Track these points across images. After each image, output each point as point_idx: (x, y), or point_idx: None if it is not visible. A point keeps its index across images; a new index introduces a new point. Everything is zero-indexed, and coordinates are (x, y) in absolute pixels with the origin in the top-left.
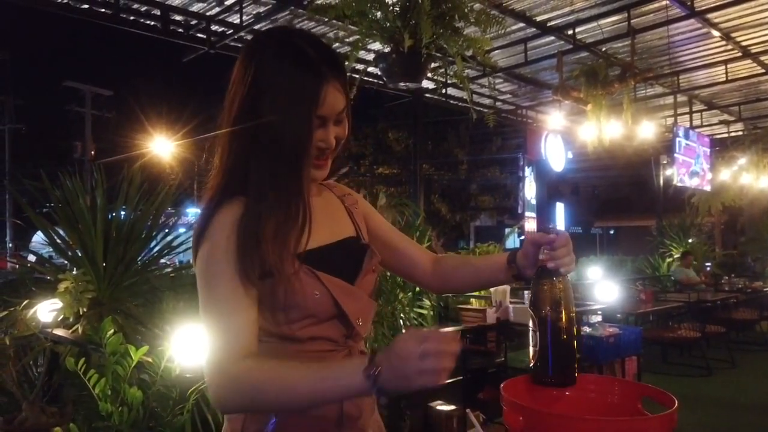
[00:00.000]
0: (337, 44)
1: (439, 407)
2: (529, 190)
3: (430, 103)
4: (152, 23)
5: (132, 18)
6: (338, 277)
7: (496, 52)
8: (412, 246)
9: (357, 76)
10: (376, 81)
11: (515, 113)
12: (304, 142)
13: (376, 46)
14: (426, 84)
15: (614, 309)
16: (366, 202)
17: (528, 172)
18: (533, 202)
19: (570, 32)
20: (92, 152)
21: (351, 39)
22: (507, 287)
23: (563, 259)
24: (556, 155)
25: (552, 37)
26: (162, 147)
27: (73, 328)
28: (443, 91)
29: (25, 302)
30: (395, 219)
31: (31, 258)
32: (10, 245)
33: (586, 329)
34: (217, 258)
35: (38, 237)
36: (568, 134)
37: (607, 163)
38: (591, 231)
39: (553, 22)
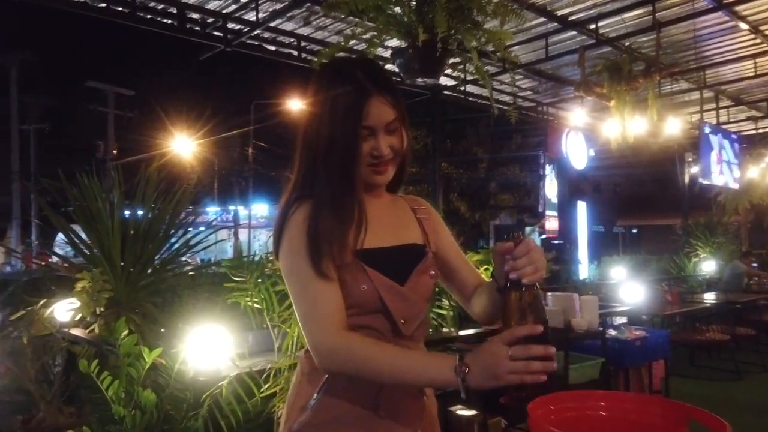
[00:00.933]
0: (353, 41)
1: (459, 412)
2: (550, 188)
3: (449, 101)
4: (169, 21)
5: (149, 16)
6: (391, 277)
7: (517, 47)
8: (467, 269)
9: None
10: (394, 78)
11: (536, 110)
12: (353, 151)
13: (394, 42)
14: (444, 81)
15: (639, 311)
16: (439, 216)
17: (549, 170)
18: (554, 200)
19: (592, 26)
20: (114, 151)
21: (367, 36)
22: None
23: (524, 269)
24: (577, 153)
25: (574, 32)
26: (182, 146)
27: (90, 328)
28: (462, 88)
29: (43, 301)
30: None
31: (55, 257)
32: (36, 243)
33: (612, 332)
34: (295, 251)
35: (62, 236)
36: (590, 131)
37: (631, 161)
38: (613, 230)
39: (574, 17)
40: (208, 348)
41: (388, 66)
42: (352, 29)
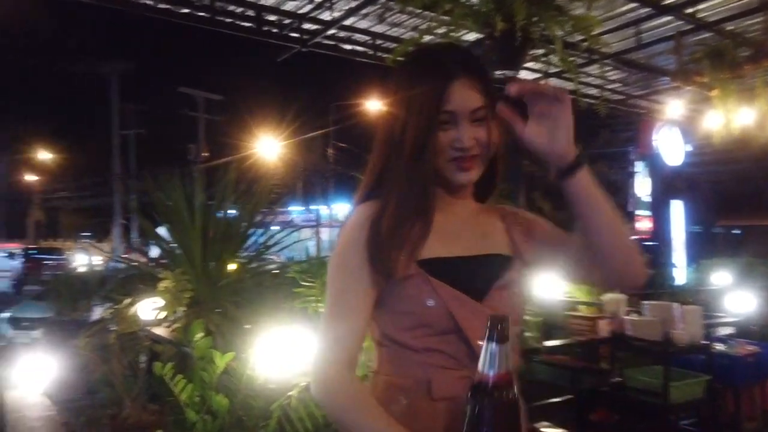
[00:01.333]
0: (428, 37)
1: (544, 429)
2: (641, 186)
3: None
4: (247, 24)
5: (228, 20)
6: (464, 291)
7: (604, 36)
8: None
9: None
10: None
11: (625, 103)
12: (428, 138)
13: (471, 37)
14: (524, 75)
15: (748, 321)
16: (533, 217)
17: (639, 167)
18: (645, 199)
19: (689, 10)
20: (205, 154)
21: (442, 30)
22: (622, 297)
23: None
24: (672, 148)
25: (669, 17)
26: (265, 147)
27: (172, 327)
28: (545, 81)
29: (129, 299)
30: None
31: (153, 254)
32: (135, 241)
33: (719, 346)
34: (342, 254)
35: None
36: (686, 124)
37: (735, 155)
38: (712, 230)
39: (669, 0)
40: (279, 353)
41: None
42: (427, 24)
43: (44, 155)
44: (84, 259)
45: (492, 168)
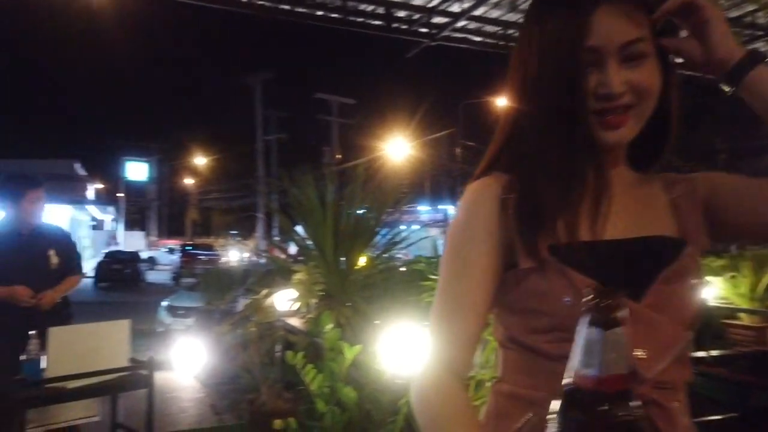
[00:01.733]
0: None
1: None
2: None
3: (682, 81)
4: (377, 22)
5: (360, 20)
6: (616, 285)
7: None
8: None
9: None
10: None
11: None
12: (572, 83)
13: None
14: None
15: None
16: (712, 175)
17: None
18: None
19: None
20: (339, 156)
21: None
22: None
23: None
24: None
25: None
26: (394, 148)
27: (305, 318)
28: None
29: (266, 291)
30: None
31: (291, 251)
32: (276, 238)
33: None
34: (453, 242)
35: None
36: None
37: None
38: None
39: None
40: (406, 349)
41: None
42: None
43: (199, 160)
44: (232, 255)
45: (658, 125)
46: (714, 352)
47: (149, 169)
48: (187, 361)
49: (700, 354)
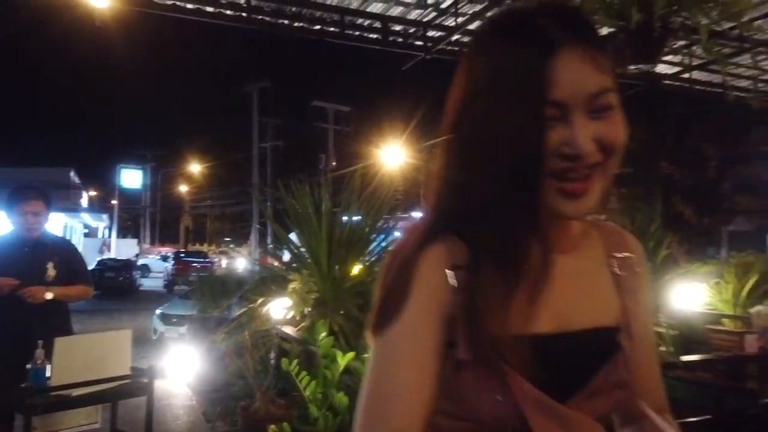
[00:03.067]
0: None
1: None
2: None
3: (670, 92)
4: (374, 36)
5: (357, 33)
6: (547, 386)
7: (758, 22)
8: (652, 377)
9: None
10: None
11: None
12: (526, 144)
13: (603, 31)
14: (663, 69)
15: None
16: (646, 269)
17: None
18: None
19: None
20: (333, 163)
21: None
22: None
23: None
24: None
25: None
26: (389, 156)
27: (299, 327)
28: (687, 75)
29: (261, 299)
30: (625, 224)
31: (285, 259)
32: (271, 246)
33: None
34: (405, 318)
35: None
36: None
37: None
38: None
39: None
40: None
41: None
42: None
43: (194, 167)
44: (225, 262)
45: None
46: (693, 357)
47: (143, 177)
48: (181, 368)
49: (686, 358)
